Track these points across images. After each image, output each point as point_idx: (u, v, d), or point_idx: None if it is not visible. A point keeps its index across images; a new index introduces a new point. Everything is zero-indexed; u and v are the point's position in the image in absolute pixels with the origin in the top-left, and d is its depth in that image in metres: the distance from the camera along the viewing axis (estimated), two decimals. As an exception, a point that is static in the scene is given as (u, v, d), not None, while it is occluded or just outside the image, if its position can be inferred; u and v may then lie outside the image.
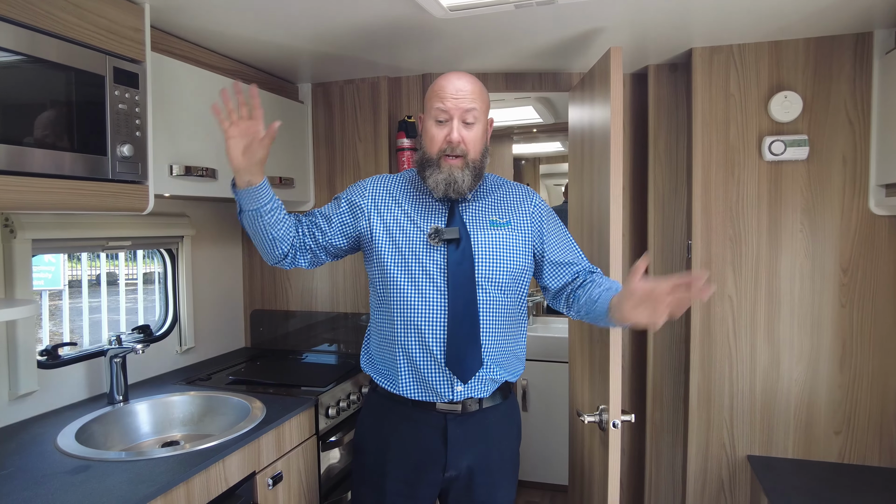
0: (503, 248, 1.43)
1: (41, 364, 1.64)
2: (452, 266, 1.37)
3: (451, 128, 1.37)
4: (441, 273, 1.38)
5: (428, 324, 1.37)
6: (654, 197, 2.24)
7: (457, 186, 1.38)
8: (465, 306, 1.37)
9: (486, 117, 1.45)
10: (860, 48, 1.85)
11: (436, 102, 1.39)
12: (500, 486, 1.49)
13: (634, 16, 1.69)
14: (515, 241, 1.45)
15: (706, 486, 2.07)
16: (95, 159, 1.35)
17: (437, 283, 1.38)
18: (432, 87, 1.41)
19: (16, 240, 1.54)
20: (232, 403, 1.73)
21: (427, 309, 1.37)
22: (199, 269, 2.26)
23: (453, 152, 1.37)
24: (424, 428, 1.42)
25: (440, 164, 1.39)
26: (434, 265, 1.38)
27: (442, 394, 1.39)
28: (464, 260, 1.38)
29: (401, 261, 1.40)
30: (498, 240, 1.43)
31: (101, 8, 1.38)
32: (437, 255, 1.39)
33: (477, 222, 1.44)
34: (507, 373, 1.46)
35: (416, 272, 1.39)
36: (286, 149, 2.26)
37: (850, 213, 1.89)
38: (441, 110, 1.38)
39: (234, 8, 1.59)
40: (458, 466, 1.42)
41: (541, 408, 3.12)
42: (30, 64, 1.21)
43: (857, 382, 1.92)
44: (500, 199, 1.50)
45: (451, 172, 1.38)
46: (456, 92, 1.37)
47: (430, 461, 1.42)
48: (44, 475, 1.22)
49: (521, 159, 3.67)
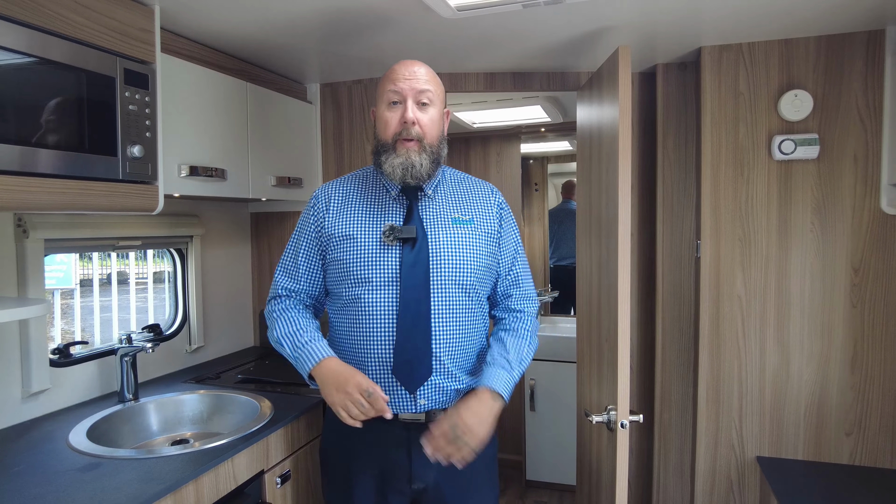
0: (465, 246, 1.37)
1: (53, 362, 1.66)
2: (406, 267, 1.30)
3: (405, 108, 1.33)
4: (395, 275, 1.31)
5: (381, 330, 1.31)
6: (662, 196, 2.22)
7: (414, 171, 1.32)
8: (415, 310, 1.30)
9: (442, 104, 1.42)
10: (872, 46, 1.83)
11: (388, 86, 1.34)
12: (474, 496, 1.40)
13: (643, 15, 1.68)
14: (479, 238, 1.40)
15: (715, 487, 2.06)
16: (106, 160, 1.36)
17: (391, 285, 1.31)
18: (384, 75, 1.37)
19: (28, 239, 1.56)
20: (241, 402, 1.74)
21: (380, 314, 1.31)
22: (209, 269, 2.28)
23: (409, 135, 1.32)
24: (386, 441, 1.35)
25: (396, 147, 1.33)
26: (388, 266, 1.32)
27: (402, 405, 1.33)
28: (418, 262, 1.31)
29: (355, 264, 1.33)
30: (460, 237, 1.37)
31: (111, 10, 1.39)
32: (392, 255, 1.32)
33: (437, 220, 1.38)
34: (474, 379, 1.38)
35: (370, 275, 1.32)
36: (294, 149, 2.27)
37: (862, 213, 1.88)
38: (394, 91, 1.33)
39: (243, 8, 1.60)
40: (424, 479, 1.35)
41: (548, 408, 3.12)
42: (41, 65, 1.22)
43: (868, 383, 1.90)
44: (462, 195, 1.45)
45: (408, 156, 1.32)
46: (410, 74, 1.34)
47: (395, 473, 1.35)
48: (55, 472, 1.23)
49: (529, 158, 3.66)
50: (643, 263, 2.33)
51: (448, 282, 1.34)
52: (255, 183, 2.01)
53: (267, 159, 2.08)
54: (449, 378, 1.34)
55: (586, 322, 2.12)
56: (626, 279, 1.59)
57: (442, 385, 1.34)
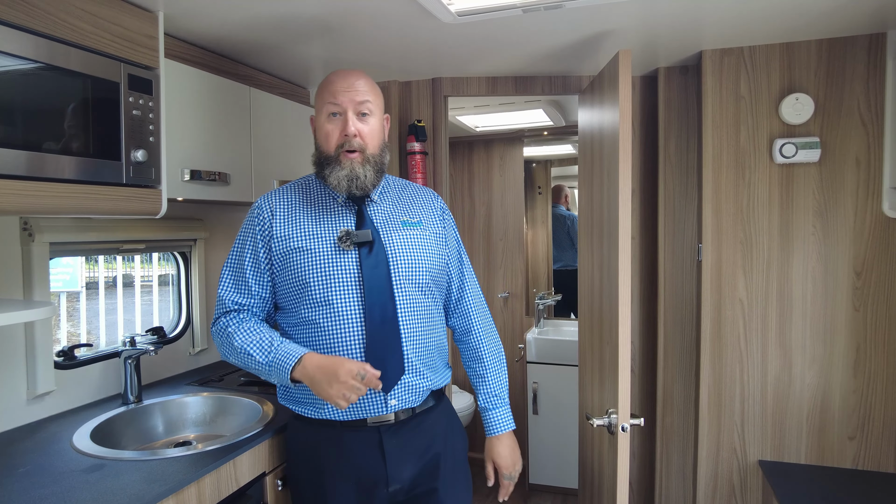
0: (419, 248, 1.39)
1: (58, 365, 1.67)
2: (367, 270, 1.31)
3: (346, 120, 1.33)
4: (355, 279, 1.31)
5: (347, 335, 1.31)
6: (664, 200, 2.23)
7: (359, 182, 1.33)
8: (382, 311, 1.31)
9: (382, 113, 1.42)
10: (873, 49, 1.84)
11: (327, 98, 1.34)
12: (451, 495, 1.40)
13: (643, 19, 1.69)
14: (429, 240, 1.43)
15: (717, 491, 2.05)
16: (110, 164, 1.37)
17: (352, 289, 1.31)
18: (322, 84, 1.37)
19: (34, 243, 1.58)
20: (243, 405, 1.75)
21: (344, 319, 1.31)
22: (212, 272, 2.29)
23: (351, 146, 1.32)
24: (358, 447, 1.34)
25: (340, 160, 1.33)
26: (347, 271, 1.32)
27: (373, 409, 1.33)
28: (378, 263, 1.32)
29: (313, 273, 1.31)
30: (412, 239, 1.40)
31: (116, 16, 1.41)
32: (349, 260, 1.32)
33: (388, 223, 1.40)
34: (439, 377, 1.43)
35: (328, 281, 1.31)
36: (297, 153, 2.28)
37: (864, 216, 1.87)
38: (333, 104, 1.33)
39: (246, 15, 1.62)
40: (400, 479, 1.34)
41: (551, 411, 3.12)
42: (47, 71, 1.24)
43: (871, 387, 1.89)
44: (408, 200, 1.48)
45: (352, 168, 1.32)
46: (349, 86, 1.34)
47: (370, 480, 1.33)
48: (60, 473, 1.25)
49: (532, 162, 3.67)
50: (645, 267, 2.33)
51: (407, 282, 1.36)
52: (258, 187, 2.02)
53: (270, 163, 2.09)
54: (418, 376, 1.36)
55: (588, 325, 2.12)
56: (626, 282, 1.59)
57: (413, 384, 1.36)
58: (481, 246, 3.55)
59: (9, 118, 1.16)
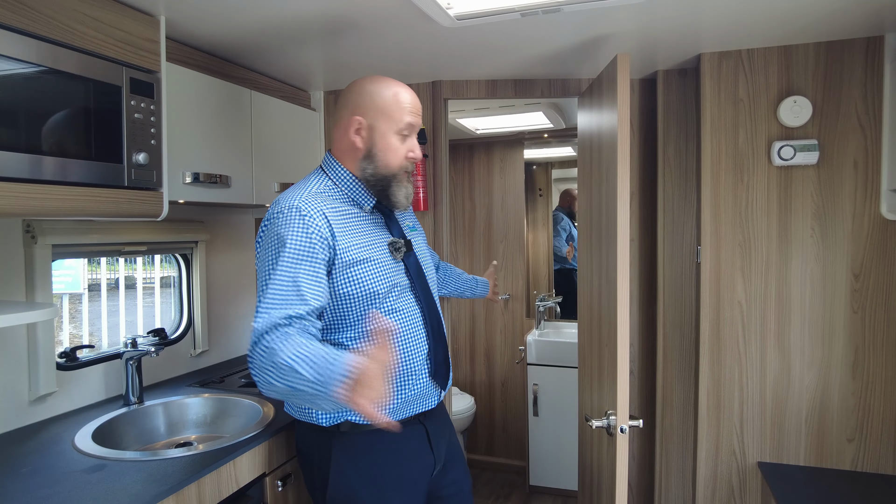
0: (427, 250, 1.53)
1: (60, 366, 1.69)
2: (416, 276, 1.37)
3: (413, 144, 1.37)
4: (407, 286, 1.37)
5: (417, 339, 1.35)
6: (662, 202, 2.23)
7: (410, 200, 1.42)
8: (436, 314, 1.40)
9: None
10: (871, 52, 1.84)
11: (401, 115, 1.34)
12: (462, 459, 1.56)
13: (642, 23, 1.70)
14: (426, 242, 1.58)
15: (716, 493, 2.05)
16: (112, 167, 1.39)
17: (409, 296, 1.37)
18: (394, 97, 1.34)
19: (36, 245, 1.59)
20: (244, 406, 1.76)
21: (413, 324, 1.35)
22: (213, 274, 2.31)
23: (412, 169, 1.39)
24: (411, 442, 1.38)
25: (401, 178, 1.37)
26: (403, 279, 1.36)
27: (428, 404, 1.40)
28: (420, 269, 1.40)
29: (379, 282, 1.30)
30: (423, 244, 1.52)
31: (118, 21, 1.42)
32: (400, 268, 1.37)
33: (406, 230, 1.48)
34: None
35: (395, 290, 1.34)
36: (298, 155, 2.30)
37: (862, 218, 1.88)
38: (411, 125, 1.35)
39: (247, 18, 1.63)
40: (441, 458, 1.45)
41: (551, 413, 3.12)
42: (50, 75, 1.25)
43: (870, 389, 1.90)
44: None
45: (409, 188, 1.39)
46: (417, 110, 1.37)
47: (424, 470, 1.40)
48: (62, 474, 1.26)
49: (532, 164, 3.68)
50: (644, 269, 2.34)
51: (433, 283, 1.47)
52: (259, 189, 2.03)
53: (271, 166, 2.11)
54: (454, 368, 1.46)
55: (587, 327, 2.13)
56: (625, 284, 1.60)
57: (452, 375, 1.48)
58: (482, 248, 3.56)
59: (12, 121, 1.18)
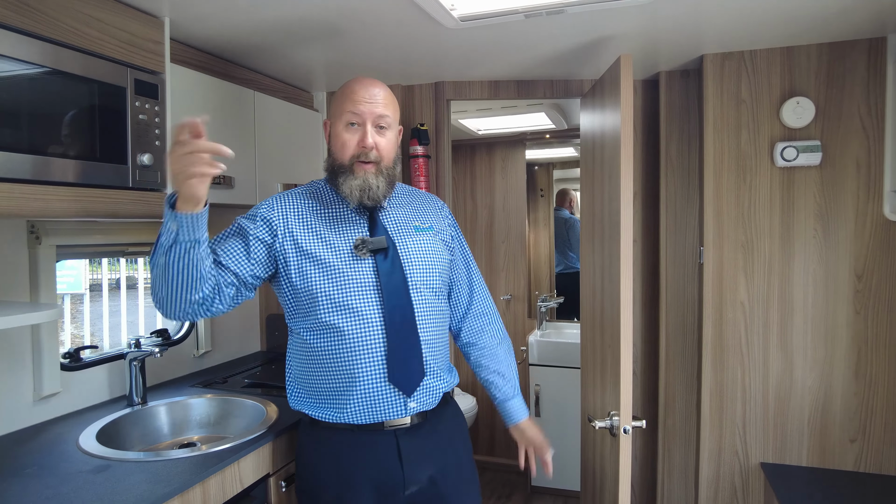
0: (432, 252, 1.42)
1: (64, 366, 1.69)
2: (384, 276, 1.32)
3: (364, 132, 1.33)
4: (373, 285, 1.32)
5: (369, 338, 1.31)
6: (665, 203, 2.24)
7: (371, 193, 1.33)
8: (401, 316, 1.32)
9: (398, 125, 1.43)
10: (874, 53, 1.84)
11: (348, 106, 1.33)
12: (465, 493, 1.43)
13: (645, 24, 1.70)
14: (440, 244, 1.46)
15: (719, 493, 2.06)
16: (117, 168, 1.39)
17: (371, 296, 1.32)
18: (343, 91, 1.36)
19: (41, 246, 1.59)
20: (247, 406, 1.76)
21: (364, 325, 1.31)
22: (216, 274, 2.31)
23: (367, 158, 1.33)
24: (376, 451, 1.34)
25: (354, 169, 1.33)
26: (364, 277, 1.32)
27: (393, 412, 1.33)
28: (394, 269, 1.34)
29: (328, 280, 1.31)
30: (426, 244, 1.42)
31: (122, 22, 1.42)
32: (365, 267, 1.33)
33: (401, 228, 1.41)
34: (452, 379, 1.45)
35: (346, 289, 1.31)
36: (301, 156, 2.30)
37: (865, 219, 1.88)
38: (354, 114, 1.33)
39: (251, 19, 1.64)
40: (418, 480, 1.35)
41: (553, 413, 3.12)
42: (55, 77, 1.25)
43: (872, 390, 1.90)
44: (418, 206, 1.50)
45: (365, 178, 1.33)
46: (370, 97, 1.34)
47: (389, 484, 1.33)
48: (66, 474, 1.26)
49: (534, 164, 3.68)
50: (647, 270, 2.34)
51: (423, 286, 1.38)
52: (263, 190, 2.03)
53: (274, 167, 2.11)
54: (436, 378, 1.38)
55: (590, 328, 2.13)
56: (628, 285, 1.60)
57: (432, 386, 1.37)
58: (483, 249, 3.56)
59: (16, 122, 1.18)
